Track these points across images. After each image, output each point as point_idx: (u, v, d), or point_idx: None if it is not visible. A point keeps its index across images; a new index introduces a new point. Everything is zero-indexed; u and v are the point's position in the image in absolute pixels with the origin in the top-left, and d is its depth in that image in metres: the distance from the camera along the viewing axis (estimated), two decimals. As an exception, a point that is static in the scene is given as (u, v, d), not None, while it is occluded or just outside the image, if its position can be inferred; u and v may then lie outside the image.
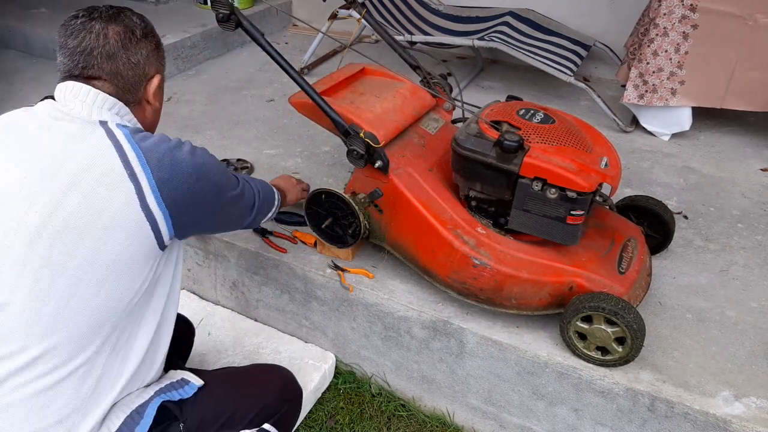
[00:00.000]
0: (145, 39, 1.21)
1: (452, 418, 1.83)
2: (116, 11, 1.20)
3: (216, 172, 1.25)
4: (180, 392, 1.28)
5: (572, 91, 3.10)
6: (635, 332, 1.42)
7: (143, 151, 1.12)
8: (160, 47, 1.27)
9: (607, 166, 1.51)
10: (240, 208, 1.38)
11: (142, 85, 1.22)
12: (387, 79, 1.89)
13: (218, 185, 1.26)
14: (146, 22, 1.24)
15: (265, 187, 1.53)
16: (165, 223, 1.13)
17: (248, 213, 1.43)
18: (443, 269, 1.60)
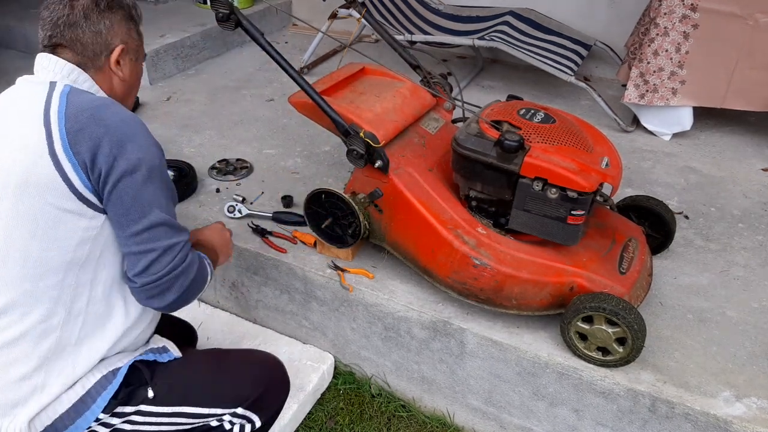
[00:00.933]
0: (110, 10, 1.23)
1: (452, 418, 1.82)
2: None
3: (145, 151, 1.16)
4: (156, 356, 1.32)
5: (573, 90, 3.10)
6: (636, 333, 1.41)
7: (68, 104, 1.15)
8: (130, 21, 1.28)
9: (608, 165, 1.51)
10: (150, 234, 1.18)
11: (104, 54, 1.24)
12: (387, 79, 1.88)
13: (138, 164, 1.14)
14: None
15: (202, 265, 1.31)
16: (75, 174, 1.12)
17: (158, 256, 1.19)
18: (443, 269, 1.60)
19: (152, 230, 1.17)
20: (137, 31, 1.31)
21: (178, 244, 1.21)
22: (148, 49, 3.13)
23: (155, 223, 1.17)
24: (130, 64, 1.30)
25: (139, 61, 1.34)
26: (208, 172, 2.32)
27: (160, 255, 1.18)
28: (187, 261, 1.22)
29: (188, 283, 1.23)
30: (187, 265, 1.22)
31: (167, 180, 1.23)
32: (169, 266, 1.19)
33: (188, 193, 2.17)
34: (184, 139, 2.57)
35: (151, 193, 1.17)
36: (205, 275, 1.31)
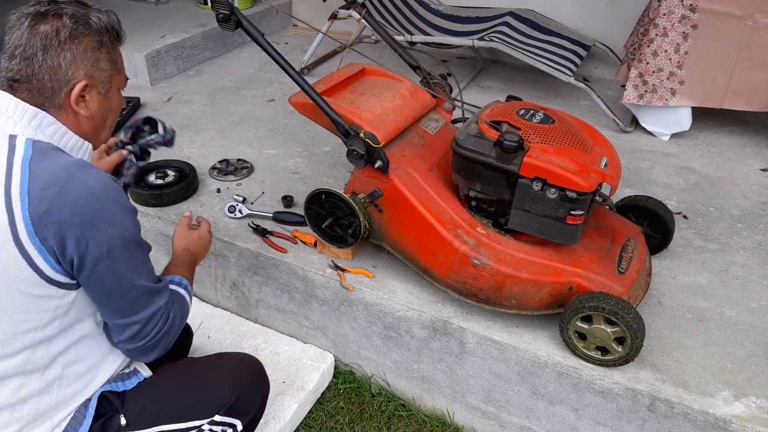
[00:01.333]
0: (72, 41, 1.11)
1: (452, 418, 1.83)
2: (53, 9, 1.12)
3: (114, 227, 1.08)
4: (125, 383, 1.29)
5: (572, 91, 3.10)
6: (635, 332, 1.42)
7: (30, 178, 1.05)
8: (98, 50, 1.16)
9: (607, 166, 1.52)
10: (130, 308, 1.16)
11: (63, 90, 1.13)
12: (387, 80, 1.89)
13: (109, 244, 1.08)
14: (81, 21, 1.14)
15: (183, 310, 1.31)
16: (43, 260, 1.05)
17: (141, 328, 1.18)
18: (443, 269, 1.60)
19: (134, 303, 1.16)
20: (109, 60, 1.19)
21: (159, 310, 1.19)
22: (149, 49, 3.14)
23: (137, 296, 1.15)
24: (97, 99, 1.18)
25: (111, 92, 1.22)
26: (209, 173, 2.33)
27: (143, 326, 1.18)
28: (169, 320, 1.22)
29: (171, 338, 1.25)
30: (170, 324, 1.22)
31: (141, 241, 1.17)
32: (152, 332, 1.19)
33: (189, 193, 2.18)
34: (185, 140, 2.58)
35: (130, 268, 1.13)
36: (185, 312, 1.31)
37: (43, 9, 1.12)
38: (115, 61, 1.21)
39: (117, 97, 1.26)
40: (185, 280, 1.37)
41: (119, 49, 1.24)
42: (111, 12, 1.22)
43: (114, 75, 1.21)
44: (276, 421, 1.71)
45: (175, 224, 2.04)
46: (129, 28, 3.37)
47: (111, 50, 1.19)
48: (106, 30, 1.18)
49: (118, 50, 1.23)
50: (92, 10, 1.17)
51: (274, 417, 1.72)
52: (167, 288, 1.24)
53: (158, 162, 2.28)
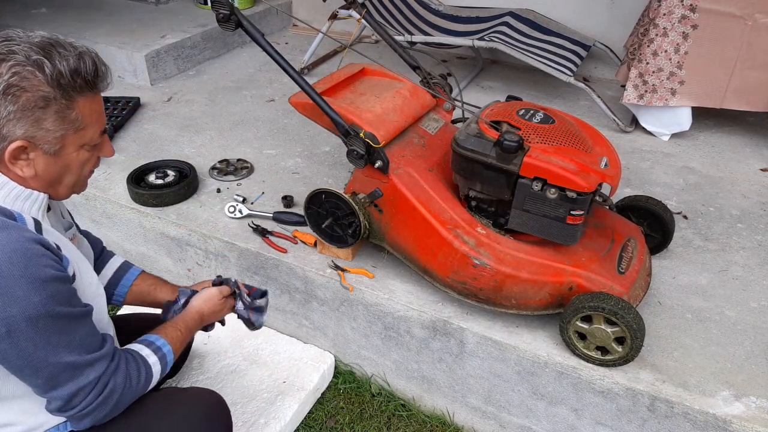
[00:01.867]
0: (7, 96, 0.98)
1: (452, 418, 1.83)
2: (4, 53, 0.98)
3: (12, 303, 0.95)
4: (66, 425, 1.19)
5: (572, 91, 3.11)
6: (635, 332, 1.42)
7: None
8: (42, 108, 1.00)
9: (607, 166, 1.52)
10: (49, 384, 1.04)
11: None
12: (387, 80, 1.89)
13: (7, 323, 0.96)
14: (26, 72, 0.98)
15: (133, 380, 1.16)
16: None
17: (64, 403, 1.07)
18: (443, 269, 1.60)
19: (52, 380, 1.03)
20: (60, 118, 1.03)
21: (89, 383, 1.07)
22: (149, 49, 3.14)
23: (55, 372, 1.03)
24: (43, 159, 1.05)
25: (65, 151, 1.06)
26: (209, 173, 2.33)
27: (67, 402, 1.06)
28: (105, 391, 1.10)
29: (105, 413, 1.11)
30: (107, 396, 1.10)
31: (59, 314, 1.01)
32: (80, 405, 1.07)
33: (189, 193, 2.18)
34: (185, 140, 2.58)
35: (41, 346, 1.00)
36: (147, 381, 1.18)
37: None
38: (73, 119, 1.04)
39: (78, 155, 1.09)
40: (165, 343, 1.25)
41: (89, 101, 1.07)
42: (87, 54, 1.05)
43: (68, 134, 1.05)
44: (276, 421, 1.71)
45: (176, 224, 2.05)
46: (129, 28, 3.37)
47: (66, 106, 1.03)
48: (60, 83, 1.01)
49: (82, 104, 1.06)
50: (54, 54, 1.01)
51: (275, 417, 1.72)
52: (105, 357, 1.10)
53: (158, 162, 2.28)
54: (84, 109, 1.06)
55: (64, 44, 1.04)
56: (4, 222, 1.00)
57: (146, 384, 1.20)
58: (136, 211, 2.13)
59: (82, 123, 1.06)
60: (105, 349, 1.11)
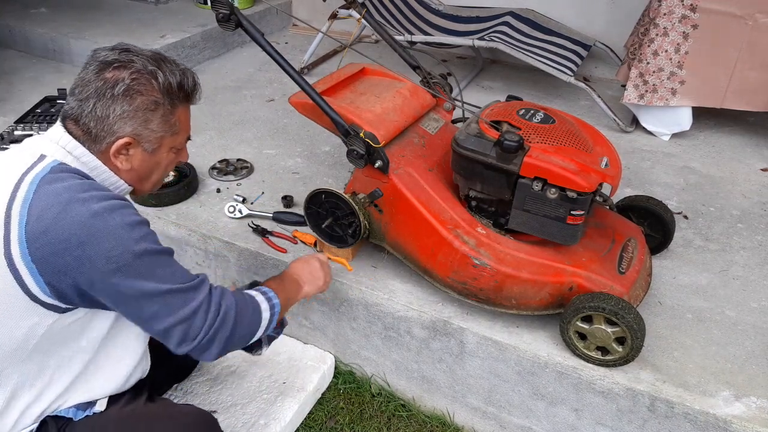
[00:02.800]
0: (125, 97, 1.12)
1: (452, 418, 1.83)
2: (125, 61, 1.14)
3: (117, 244, 1.05)
4: (75, 412, 1.22)
5: (572, 91, 3.10)
6: (635, 332, 1.42)
7: (35, 194, 1.05)
8: (152, 111, 1.15)
9: (607, 166, 1.51)
10: (166, 310, 1.11)
11: (106, 140, 1.14)
12: (387, 79, 1.89)
13: (114, 261, 1.05)
14: (143, 79, 1.14)
15: (243, 306, 1.24)
16: (33, 280, 1.04)
17: (187, 327, 1.13)
18: (443, 269, 1.60)
19: (167, 305, 1.11)
20: (164, 121, 1.18)
21: (202, 304, 1.14)
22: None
23: (168, 297, 1.11)
24: (141, 155, 1.19)
25: (160, 151, 1.21)
26: (209, 172, 2.33)
27: (189, 325, 1.13)
28: (221, 313, 1.17)
29: (229, 333, 1.18)
30: (223, 317, 1.17)
31: (154, 250, 1.11)
32: (203, 329, 1.14)
33: (189, 193, 2.17)
34: (185, 140, 2.58)
35: (148, 277, 1.09)
36: (255, 317, 1.25)
37: (111, 57, 1.14)
38: (173, 123, 1.20)
39: (167, 155, 1.24)
40: (269, 290, 1.33)
41: (185, 110, 1.24)
42: (188, 72, 1.23)
43: (167, 136, 1.20)
44: (276, 422, 1.71)
45: (175, 224, 2.05)
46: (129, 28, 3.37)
47: (170, 111, 1.18)
48: (169, 91, 1.17)
49: (181, 111, 1.22)
50: (165, 67, 1.17)
51: (275, 418, 1.72)
52: (204, 282, 1.19)
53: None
54: (181, 116, 1.23)
55: (171, 61, 1.21)
56: (95, 183, 1.13)
57: (255, 313, 1.25)
58: (136, 211, 2.13)
59: (178, 128, 1.23)
60: (202, 276, 1.20)
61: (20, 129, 2.55)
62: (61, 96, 2.84)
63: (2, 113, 2.81)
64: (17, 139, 2.48)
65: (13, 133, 2.53)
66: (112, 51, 1.15)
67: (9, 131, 2.53)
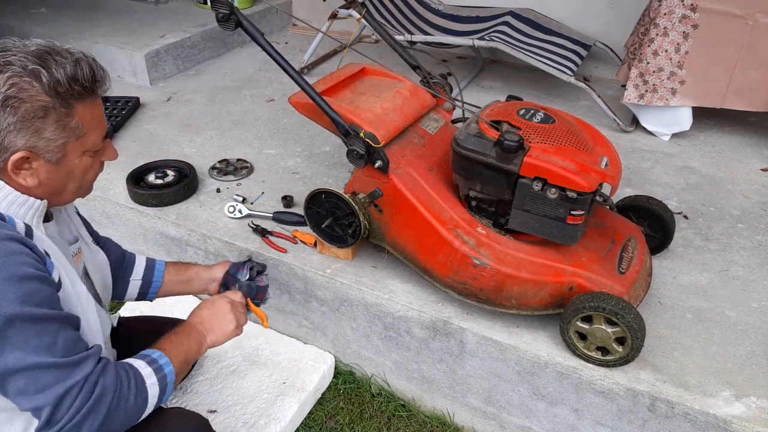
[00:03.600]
0: (6, 108, 0.98)
1: (452, 418, 1.83)
2: (1, 64, 0.98)
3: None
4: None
5: (572, 90, 3.10)
6: (635, 332, 1.42)
7: None
8: (43, 119, 1.00)
9: (608, 165, 1.51)
10: (34, 387, 0.97)
11: (1, 157, 1.01)
12: (387, 79, 1.89)
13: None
14: (23, 83, 0.98)
15: (126, 388, 1.06)
16: None
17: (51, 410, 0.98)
18: (443, 269, 1.60)
19: (33, 384, 0.96)
20: (60, 126, 1.02)
21: (74, 386, 0.99)
22: (149, 49, 3.14)
23: (38, 373, 0.96)
24: (46, 167, 1.05)
25: (68, 158, 1.06)
26: (209, 172, 2.33)
27: (54, 408, 0.97)
28: (94, 395, 1.00)
29: (100, 422, 1.01)
30: (95, 401, 1.00)
31: (41, 316, 0.97)
32: (68, 414, 0.98)
33: (189, 193, 2.17)
34: (185, 139, 2.58)
35: (18, 345, 0.94)
36: (138, 401, 1.08)
37: None
38: (73, 126, 1.04)
39: (80, 161, 1.09)
40: (163, 356, 1.16)
41: (88, 106, 1.07)
42: (83, 60, 1.05)
43: (69, 141, 1.05)
44: (276, 422, 1.71)
45: (175, 224, 2.05)
46: (129, 28, 3.37)
47: (65, 114, 1.03)
48: (57, 91, 1.01)
49: (81, 110, 1.05)
50: (50, 62, 1.01)
51: (275, 418, 1.72)
52: (88, 359, 1.03)
53: (158, 162, 2.28)
54: (84, 115, 1.06)
55: (60, 51, 1.03)
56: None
57: (140, 396, 1.09)
58: (136, 211, 2.13)
59: (83, 130, 1.06)
60: (93, 350, 1.05)
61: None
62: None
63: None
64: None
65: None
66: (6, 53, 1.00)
67: None
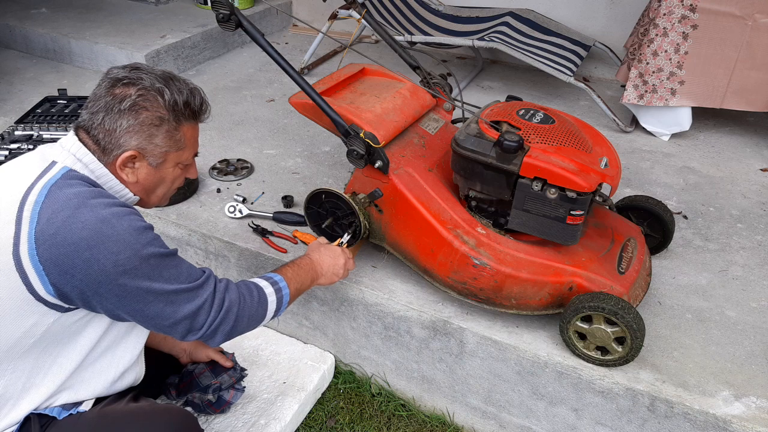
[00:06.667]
0: (131, 112, 1.17)
1: (452, 418, 1.83)
2: (134, 78, 1.19)
3: (125, 248, 1.09)
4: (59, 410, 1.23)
5: (572, 91, 3.11)
6: (635, 332, 1.42)
7: (46, 198, 1.09)
8: (156, 126, 1.20)
9: (607, 166, 1.52)
10: (171, 309, 1.17)
11: (114, 153, 1.19)
12: (387, 80, 1.89)
13: (122, 264, 1.09)
14: (150, 95, 1.19)
15: (249, 299, 1.30)
16: (39, 279, 1.07)
17: (190, 322, 1.19)
18: (443, 269, 1.60)
19: (172, 303, 1.16)
20: (169, 137, 1.23)
21: (205, 302, 1.20)
22: (149, 49, 3.14)
23: (172, 296, 1.16)
24: (146, 169, 1.24)
25: (165, 165, 1.26)
26: (209, 172, 2.33)
27: (192, 321, 1.19)
28: (224, 308, 1.23)
29: (231, 327, 1.25)
30: (226, 312, 1.23)
31: (158, 254, 1.15)
32: (206, 324, 1.20)
33: (189, 193, 2.18)
34: (185, 140, 2.58)
35: (153, 278, 1.13)
36: (260, 310, 1.31)
37: (121, 75, 1.20)
38: (177, 139, 1.25)
39: (173, 170, 1.29)
40: (281, 278, 1.38)
41: (191, 127, 1.29)
42: (196, 91, 1.27)
43: (171, 151, 1.25)
44: (276, 421, 1.71)
45: (176, 224, 2.05)
46: (129, 28, 3.36)
47: (174, 128, 1.23)
48: (174, 108, 1.21)
49: (187, 128, 1.27)
50: (172, 85, 1.22)
51: (275, 417, 1.72)
52: (209, 279, 1.23)
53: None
54: (187, 133, 1.28)
55: (179, 79, 1.26)
56: (103, 191, 1.17)
57: (261, 304, 1.31)
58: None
59: (183, 144, 1.27)
60: (208, 272, 1.24)
61: (20, 129, 2.55)
62: (61, 96, 2.84)
63: (2, 113, 2.81)
64: (17, 139, 2.48)
65: (14, 133, 2.53)
66: (123, 69, 1.21)
67: (9, 131, 2.53)
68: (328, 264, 1.55)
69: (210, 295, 1.22)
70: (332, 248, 1.59)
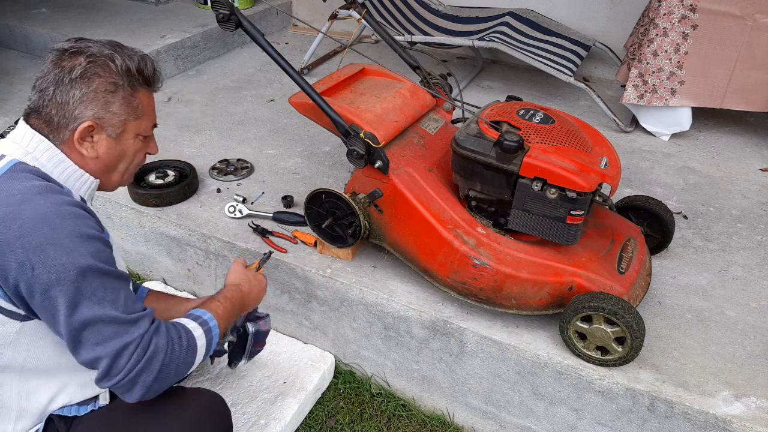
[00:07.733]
0: (83, 80, 1.11)
1: (452, 418, 1.83)
2: (81, 47, 1.13)
3: (61, 253, 1.00)
4: (78, 409, 1.22)
5: (572, 91, 3.11)
6: (635, 332, 1.42)
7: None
8: (111, 92, 1.13)
9: (607, 166, 1.52)
10: (94, 338, 1.04)
11: (69, 127, 1.12)
12: (387, 80, 1.89)
13: (58, 271, 1.00)
14: (99, 62, 1.13)
15: (177, 346, 1.12)
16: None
17: (110, 363, 1.04)
18: (443, 269, 1.60)
19: (98, 334, 1.03)
20: (126, 104, 1.16)
21: (132, 341, 1.05)
22: (149, 49, 3.14)
23: (100, 325, 1.03)
24: (106, 141, 1.16)
25: (125, 136, 1.18)
26: (209, 173, 2.33)
27: (113, 360, 1.04)
28: (149, 352, 1.07)
29: (153, 377, 1.07)
30: (149, 358, 1.07)
31: (105, 271, 1.06)
32: (126, 368, 1.04)
33: (189, 193, 2.18)
34: (185, 140, 2.58)
35: (88, 297, 1.02)
36: (188, 357, 1.14)
37: (67, 45, 1.14)
38: (135, 106, 1.18)
39: (134, 142, 1.22)
40: (211, 317, 1.23)
41: (146, 95, 1.22)
42: (147, 57, 1.21)
43: (130, 119, 1.18)
44: (276, 421, 1.71)
45: (176, 224, 2.05)
46: (129, 28, 3.37)
47: (130, 94, 1.17)
48: (128, 73, 1.15)
49: (142, 95, 1.20)
50: (121, 53, 1.16)
51: (275, 418, 1.72)
52: (144, 318, 1.10)
53: (158, 162, 2.28)
54: (144, 100, 1.21)
55: (128, 48, 1.20)
56: (54, 187, 1.10)
57: (189, 351, 1.15)
58: (136, 211, 2.13)
59: (141, 112, 1.20)
60: (147, 311, 1.12)
61: (20, 129, 2.55)
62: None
63: (2, 113, 2.81)
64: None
65: (14, 133, 2.53)
66: (67, 41, 1.16)
67: (9, 131, 2.53)
68: (255, 296, 1.45)
69: (139, 337, 1.06)
70: (258, 277, 1.48)
